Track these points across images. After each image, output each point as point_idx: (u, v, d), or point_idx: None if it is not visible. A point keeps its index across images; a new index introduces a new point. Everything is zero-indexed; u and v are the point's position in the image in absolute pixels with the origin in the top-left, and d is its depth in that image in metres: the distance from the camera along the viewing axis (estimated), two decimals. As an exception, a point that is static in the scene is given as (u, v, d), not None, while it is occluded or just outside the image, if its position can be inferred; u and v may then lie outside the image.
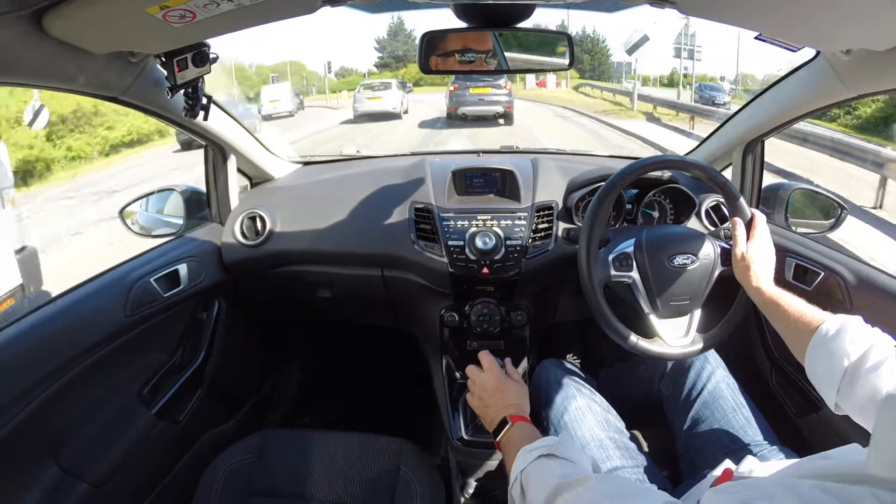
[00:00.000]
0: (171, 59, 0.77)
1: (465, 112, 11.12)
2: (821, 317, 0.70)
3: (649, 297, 0.90)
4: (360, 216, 1.19)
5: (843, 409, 0.64)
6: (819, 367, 0.67)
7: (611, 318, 0.89)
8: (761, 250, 0.84)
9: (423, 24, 5.11)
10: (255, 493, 0.90)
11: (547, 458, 0.63)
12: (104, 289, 0.96)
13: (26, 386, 0.78)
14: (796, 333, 0.72)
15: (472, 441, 1.06)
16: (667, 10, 0.69)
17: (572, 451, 0.64)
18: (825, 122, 9.37)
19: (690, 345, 0.91)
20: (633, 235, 0.93)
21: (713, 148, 1.28)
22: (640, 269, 0.90)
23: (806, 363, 0.69)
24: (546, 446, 0.64)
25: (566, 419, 0.90)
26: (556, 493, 0.55)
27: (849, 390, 0.61)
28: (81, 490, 0.86)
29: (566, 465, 0.61)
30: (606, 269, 0.90)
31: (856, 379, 0.61)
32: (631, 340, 0.89)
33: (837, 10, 0.61)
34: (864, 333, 0.64)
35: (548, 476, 0.59)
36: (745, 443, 0.83)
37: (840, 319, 0.67)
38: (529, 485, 0.61)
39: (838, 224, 1.15)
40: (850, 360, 0.62)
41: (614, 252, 0.91)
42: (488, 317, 1.13)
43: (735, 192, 0.88)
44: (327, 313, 1.44)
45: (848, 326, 0.65)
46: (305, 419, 1.61)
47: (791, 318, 0.73)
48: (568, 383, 0.96)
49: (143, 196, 1.25)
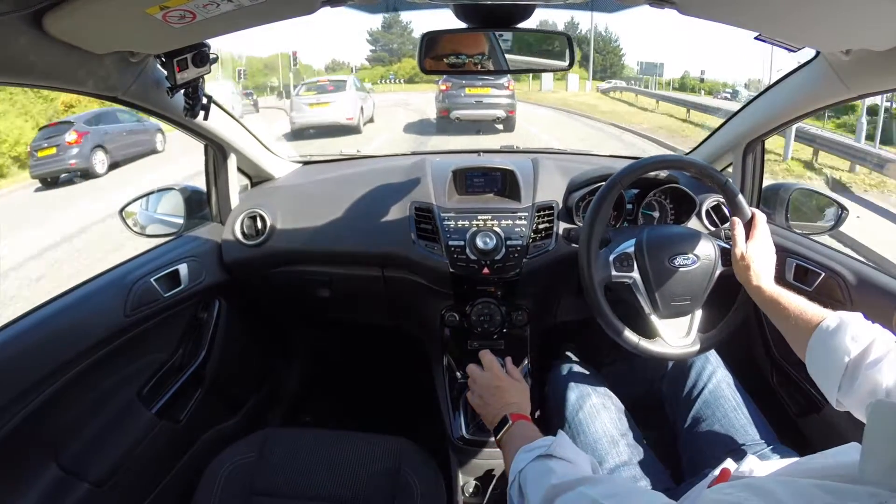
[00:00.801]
0: (171, 59, 0.77)
1: (459, 116, 8.94)
2: (821, 313, 0.70)
3: (650, 298, 0.90)
4: (360, 216, 1.19)
5: (845, 405, 0.64)
6: (820, 363, 0.67)
7: (612, 319, 0.89)
8: (761, 249, 0.84)
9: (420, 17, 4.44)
10: (255, 492, 0.90)
11: (546, 459, 0.63)
12: (104, 289, 0.96)
13: (26, 386, 0.78)
14: (797, 331, 0.72)
15: (472, 440, 1.06)
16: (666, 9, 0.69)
17: (570, 451, 0.64)
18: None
19: (691, 345, 0.91)
20: (634, 236, 0.93)
21: (713, 148, 1.28)
22: (641, 270, 0.90)
23: (807, 360, 0.69)
24: (544, 446, 0.65)
25: (581, 416, 0.92)
26: (554, 494, 0.55)
27: (850, 387, 0.62)
28: (81, 490, 0.86)
29: (564, 465, 0.61)
30: (607, 269, 0.91)
31: (856, 375, 0.61)
32: (632, 341, 0.89)
33: (837, 10, 0.61)
34: (864, 329, 0.64)
35: (545, 477, 0.59)
36: (746, 442, 0.83)
37: (840, 316, 0.67)
38: (527, 486, 0.61)
39: (838, 224, 1.15)
40: (850, 356, 0.62)
41: (615, 252, 0.92)
42: (489, 317, 1.13)
43: (734, 191, 0.88)
44: (328, 313, 1.44)
45: (848, 323, 0.66)
46: (305, 419, 1.61)
47: (792, 316, 0.73)
48: (583, 382, 0.99)
49: (143, 195, 1.25)
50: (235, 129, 1.18)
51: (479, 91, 8.92)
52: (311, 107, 9.28)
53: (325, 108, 9.22)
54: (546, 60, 0.93)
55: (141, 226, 1.25)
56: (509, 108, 9.03)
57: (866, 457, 0.35)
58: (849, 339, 0.64)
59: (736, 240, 0.85)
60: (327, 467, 0.93)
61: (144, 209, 1.26)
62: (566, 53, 0.92)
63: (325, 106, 9.23)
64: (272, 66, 26.47)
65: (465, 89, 8.93)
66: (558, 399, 1.00)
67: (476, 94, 8.93)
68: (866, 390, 0.60)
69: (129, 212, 1.22)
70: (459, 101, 8.99)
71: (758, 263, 0.82)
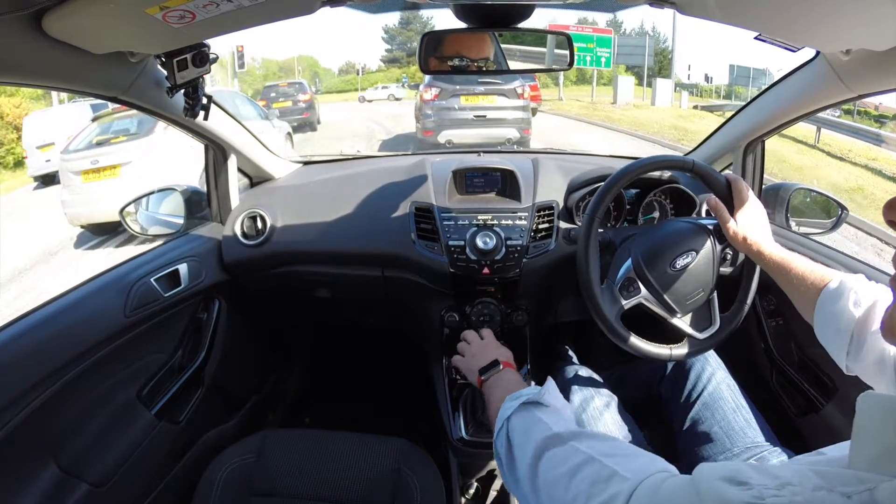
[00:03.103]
0: (171, 60, 0.77)
1: (451, 139, 6.03)
2: (824, 277, 0.69)
3: (665, 306, 0.90)
4: (360, 216, 1.19)
5: (855, 371, 0.63)
6: (826, 330, 0.66)
7: (639, 344, 0.89)
8: (749, 215, 0.82)
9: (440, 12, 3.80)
10: (255, 493, 0.90)
11: (533, 407, 0.60)
12: (104, 289, 0.96)
13: (26, 386, 0.78)
14: (802, 297, 0.71)
15: (472, 441, 1.06)
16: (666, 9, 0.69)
17: (558, 399, 0.62)
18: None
19: (720, 330, 0.92)
20: (629, 253, 0.92)
21: (713, 148, 1.28)
22: (647, 286, 0.89)
23: (815, 326, 0.69)
24: (532, 393, 0.62)
25: (584, 419, 0.92)
26: (545, 447, 0.53)
27: (857, 353, 0.61)
28: (81, 490, 0.86)
29: (552, 415, 0.59)
30: (617, 302, 0.89)
31: (863, 342, 0.61)
32: (665, 354, 0.89)
33: (837, 10, 0.61)
34: (866, 292, 0.63)
35: (535, 427, 0.56)
36: (745, 444, 0.83)
37: (841, 279, 0.67)
38: (515, 436, 0.58)
39: (839, 224, 1.15)
40: (855, 322, 0.62)
41: (617, 281, 0.90)
42: (489, 317, 1.13)
43: (708, 171, 0.87)
44: (328, 313, 1.44)
45: (850, 288, 0.64)
46: (305, 419, 1.61)
47: (795, 281, 0.72)
48: (585, 385, 0.99)
49: (143, 196, 1.25)
50: (235, 129, 1.18)
51: (481, 100, 6.09)
52: (84, 179, 4.36)
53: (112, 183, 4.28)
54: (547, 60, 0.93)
55: (141, 226, 1.25)
56: (523, 125, 6.17)
57: (855, 447, 0.35)
58: (851, 305, 0.63)
59: (722, 216, 0.83)
60: (327, 468, 0.93)
61: (144, 209, 1.26)
62: (566, 53, 0.92)
63: (110, 177, 4.32)
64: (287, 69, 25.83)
65: (461, 98, 6.06)
66: None
67: (476, 105, 6.10)
68: (872, 360, 0.59)
69: (129, 212, 1.22)
70: (452, 117, 6.12)
71: (751, 231, 0.80)
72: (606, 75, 17.84)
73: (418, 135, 6.59)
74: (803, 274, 0.71)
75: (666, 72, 19.21)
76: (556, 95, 17.09)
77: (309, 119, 10.50)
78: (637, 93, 15.35)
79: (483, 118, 6.07)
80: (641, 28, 22.55)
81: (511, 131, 6.09)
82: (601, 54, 14.49)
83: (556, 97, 16.67)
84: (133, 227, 1.23)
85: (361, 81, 22.00)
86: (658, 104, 13.66)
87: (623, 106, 13.64)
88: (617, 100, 14.31)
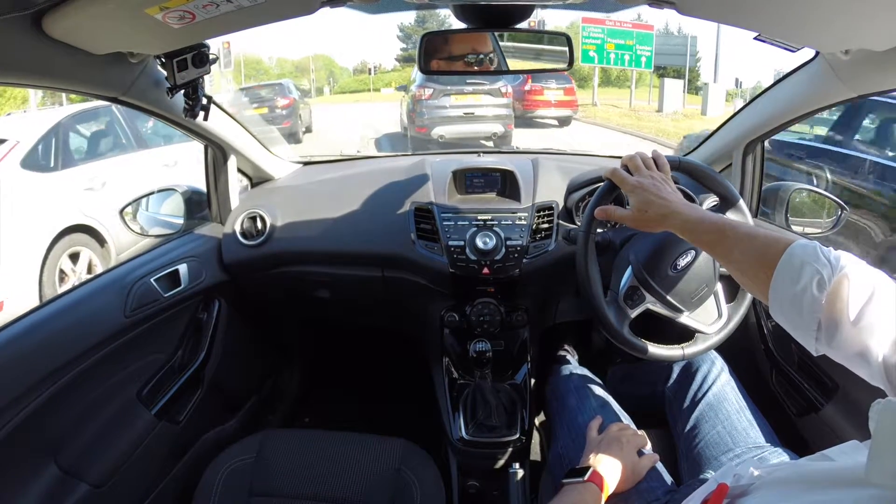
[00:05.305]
0: (170, 60, 0.77)
1: (443, 135, 6.78)
2: (773, 251, 0.57)
3: (670, 307, 0.89)
4: (360, 216, 1.19)
5: (829, 356, 0.54)
6: (787, 318, 0.56)
7: (653, 350, 0.89)
8: (641, 193, 0.71)
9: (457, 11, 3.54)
10: (255, 493, 0.90)
11: None
12: (104, 289, 0.96)
13: (26, 386, 0.78)
14: (745, 273, 0.60)
15: (472, 441, 1.06)
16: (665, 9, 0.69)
17: None
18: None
19: (729, 320, 0.92)
20: (628, 261, 0.91)
21: (713, 148, 1.28)
22: (652, 292, 0.89)
23: (771, 311, 0.58)
24: None
25: (582, 420, 0.91)
26: None
27: (830, 340, 0.52)
28: (81, 490, 0.86)
29: None
30: (624, 313, 0.89)
31: (835, 331, 0.51)
32: (678, 354, 0.89)
33: (837, 11, 0.61)
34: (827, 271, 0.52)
35: None
36: (747, 445, 0.83)
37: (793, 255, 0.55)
38: None
39: (838, 224, 1.15)
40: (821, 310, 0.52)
41: (621, 292, 0.90)
42: (488, 317, 1.12)
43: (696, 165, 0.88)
44: (328, 313, 1.44)
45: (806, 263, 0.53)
46: (305, 419, 1.61)
47: (738, 253, 0.61)
48: (584, 385, 0.98)
49: (143, 196, 1.25)
50: (235, 129, 1.18)
51: (470, 99, 6.85)
52: None
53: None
54: (546, 60, 0.93)
55: (141, 226, 1.25)
56: (507, 121, 7.04)
57: (873, 458, 0.33)
58: (815, 287, 0.52)
59: (618, 215, 0.75)
60: (327, 468, 0.93)
61: (144, 209, 1.26)
62: (566, 53, 0.92)
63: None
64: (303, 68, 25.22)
65: (452, 97, 6.79)
66: (559, 402, 0.99)
67: (465, 104, 6.83)
68: (852, 353, 0.50)
69: (129, 212, 1.22)
70: (443, 114, 6.80)
71: (652, 207, 0.69)
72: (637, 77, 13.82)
73: (411, 132, 7.22)
74: (744, 250, 0.59)
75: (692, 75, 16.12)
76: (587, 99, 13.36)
77: (291, 129, 8.32)
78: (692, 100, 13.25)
79: (471, 115, 6.82)
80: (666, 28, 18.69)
81: (496, 126, 6.88)
82: (641, 53, 11.53)
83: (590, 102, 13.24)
84: (133, 227, 1.23)
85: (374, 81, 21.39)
86: (710, 114, 11.10)
87: (670, 115, 11.54)
88: (663, 107, 11.96)
